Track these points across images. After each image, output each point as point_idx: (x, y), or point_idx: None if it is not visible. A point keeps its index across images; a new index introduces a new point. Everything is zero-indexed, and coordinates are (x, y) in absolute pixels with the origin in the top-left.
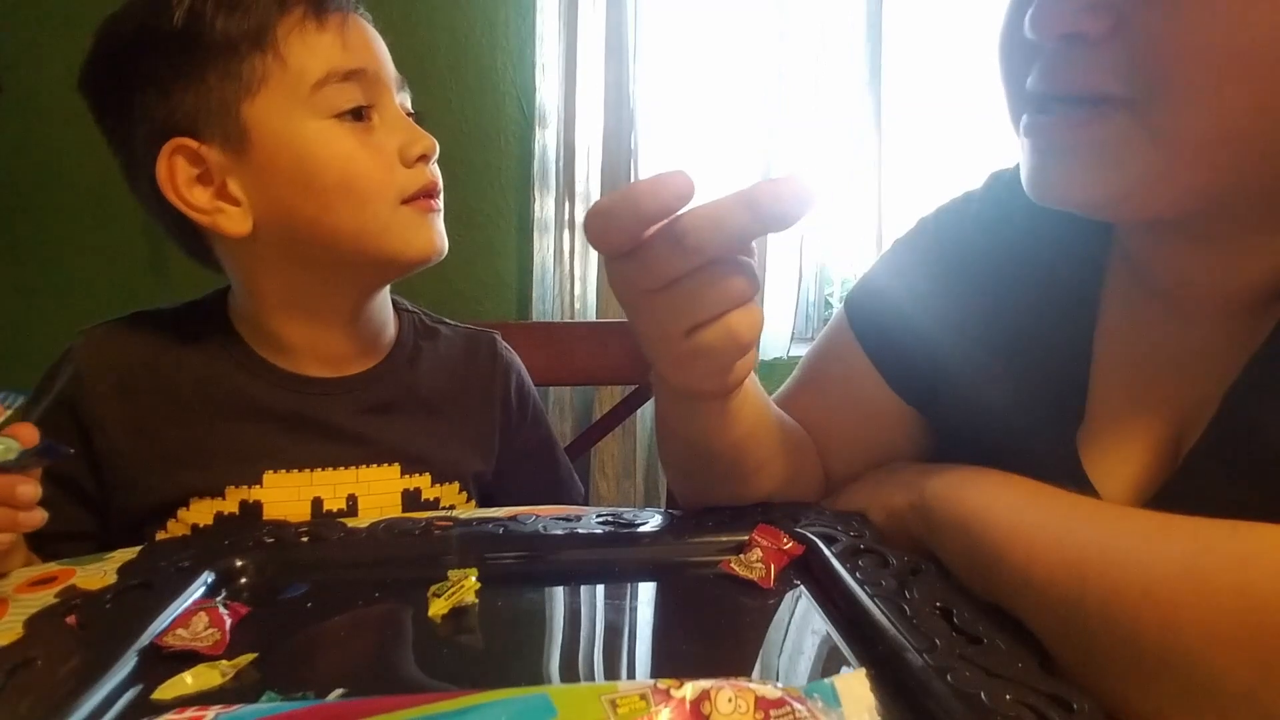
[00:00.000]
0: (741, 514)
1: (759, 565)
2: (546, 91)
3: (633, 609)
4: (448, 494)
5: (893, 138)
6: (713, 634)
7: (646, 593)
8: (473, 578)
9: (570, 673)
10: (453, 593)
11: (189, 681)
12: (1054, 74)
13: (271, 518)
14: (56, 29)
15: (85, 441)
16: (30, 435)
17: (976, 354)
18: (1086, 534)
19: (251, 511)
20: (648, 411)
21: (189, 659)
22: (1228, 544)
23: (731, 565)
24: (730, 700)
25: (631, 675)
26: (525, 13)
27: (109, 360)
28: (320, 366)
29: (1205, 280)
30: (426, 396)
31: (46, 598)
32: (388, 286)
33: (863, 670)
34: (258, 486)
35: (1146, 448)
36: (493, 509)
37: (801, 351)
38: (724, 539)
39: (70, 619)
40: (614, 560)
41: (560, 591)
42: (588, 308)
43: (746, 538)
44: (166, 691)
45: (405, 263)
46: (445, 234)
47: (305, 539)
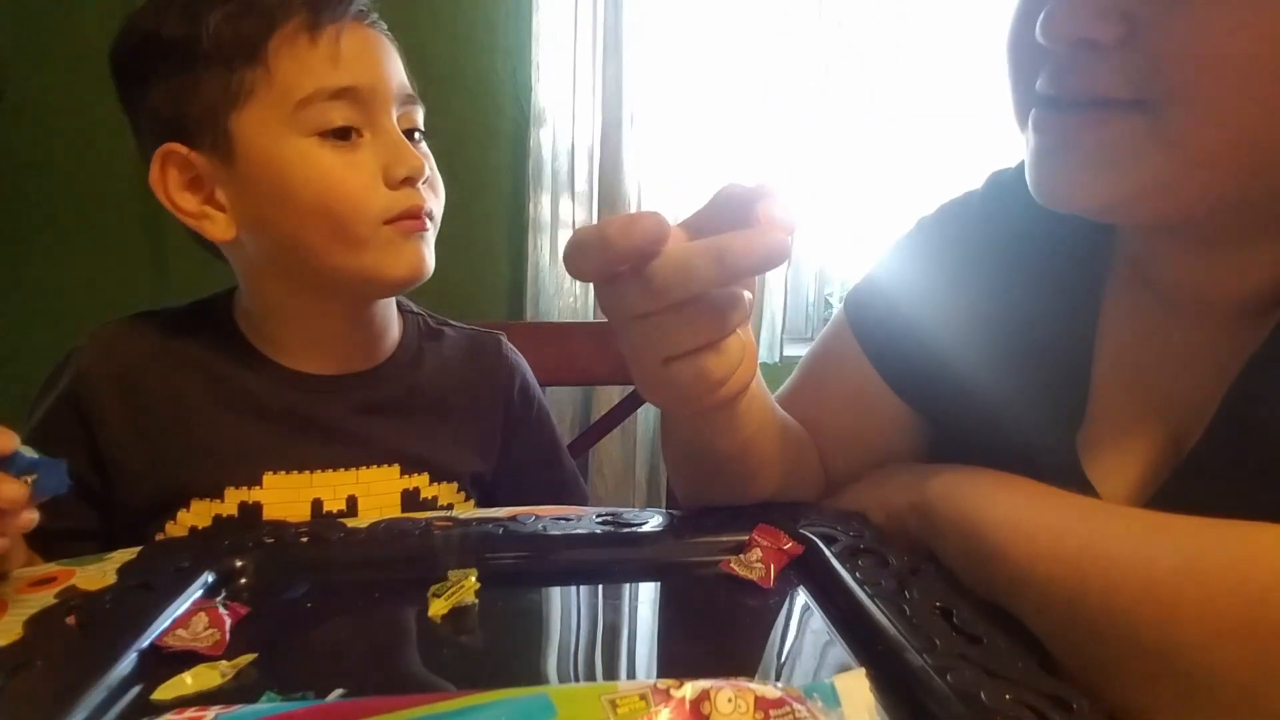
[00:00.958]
0: (741, 514)
1: (759, 565)
2: (544, 91)
3: (632, 609)
4: (445, 493)
5: (892, 137)
6: (712, 634)
7: (646, 593)
8: (473, 578)
9: (570, 673)
10: (453, 593)
11: (189, 682)
12: (1064, 78)
13: (271, 519)
14: (56, 30)
15: (89, 439)
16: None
17: (977, 354)
18: (1086, 534)
19: (251, 513)
20: (647, 411)
21: (189, 659)
22: (1227, 543)
23: (731, 565)
24: (730, 700)
25: (631, 675)
26: (523, 13)
27: (113, 359)
28: (322, 365)
29: (1207, 284)
30: (429, 397)
31: (46, 598)
32: None
33: (862, 670)
34: (257, 488)
35: (1147, 448)
36: (493, 509)
37: (795, 352)
38: (724, 539)
39: (70, 619)
40: (614, 560)
41: (560, 592)
42: (588, 308)
43: (746, 538)
44: (166, 692)
45: (384, 285)
46: (432, 255)
47: (305, 539)
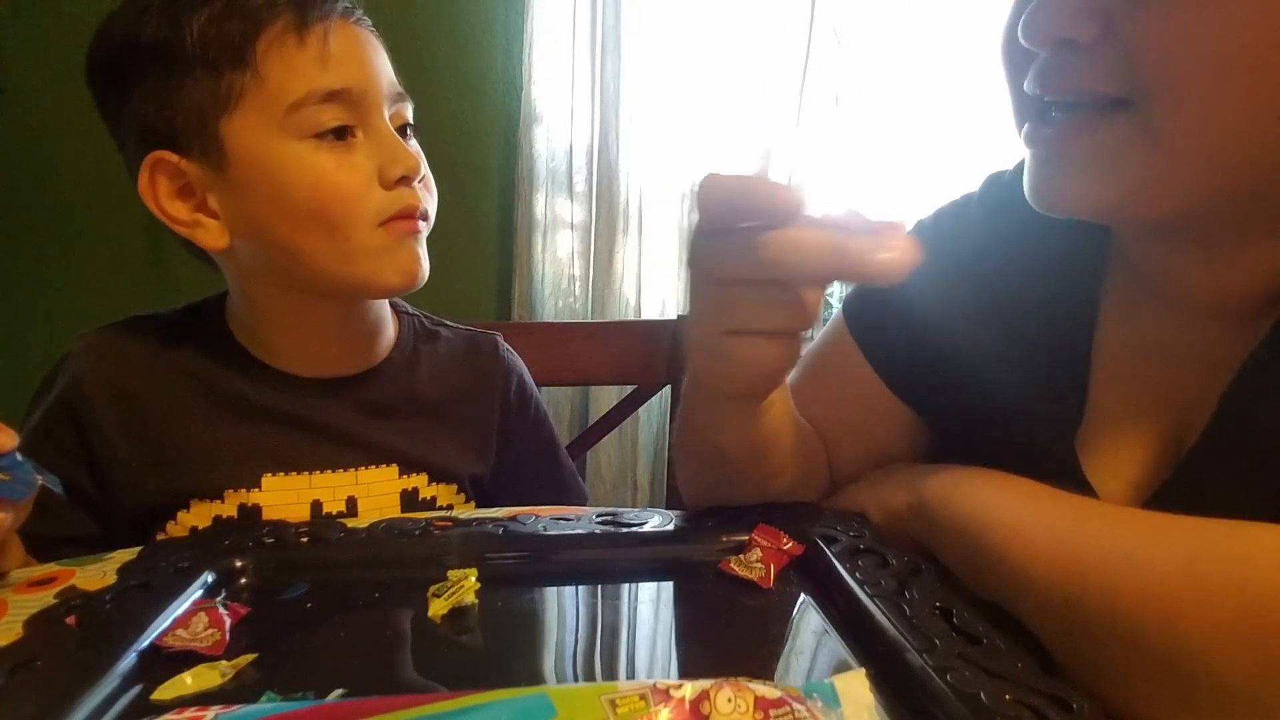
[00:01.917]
0: (741, 514)
1: (759, 565)
2: (543, 91)
3: (632, 609)
4: (444, 493)
5: (894, 137)
6: (712, 634)
7: (646, 593)
8: (472, 578)
9: (570, 673)
10: (452, 593)
11: (189, 682)
12: (1047, 78)
13: (271, 519)
14: (56, 29)
15: (84, 445)
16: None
17: (974, 355)
18: (1086, 535)
19: (250, 515)
20: (647, 412)
21: (189, 659)
22: (1227, 544)
23: (731, 565)
24: (730, 700)
25: (631, 675)
26: (520, 13)
27: (106, 364)
28: (316, 368)
29: (1203, 284)
30: (425, 398)
31: (46, 598)
32: None
33: (862, 670)
34: (256, 490)
35: (1145, 448)
36: (493, 509)
37: None
38: (724, 539)
39: (70, 619)
40: (614, 560)
41: (560, 592)
42: (587, 308)
43: (746, 538)
44: (166, 692)
45: (377, 290)
46: (426, 258)
47: (305, 539)
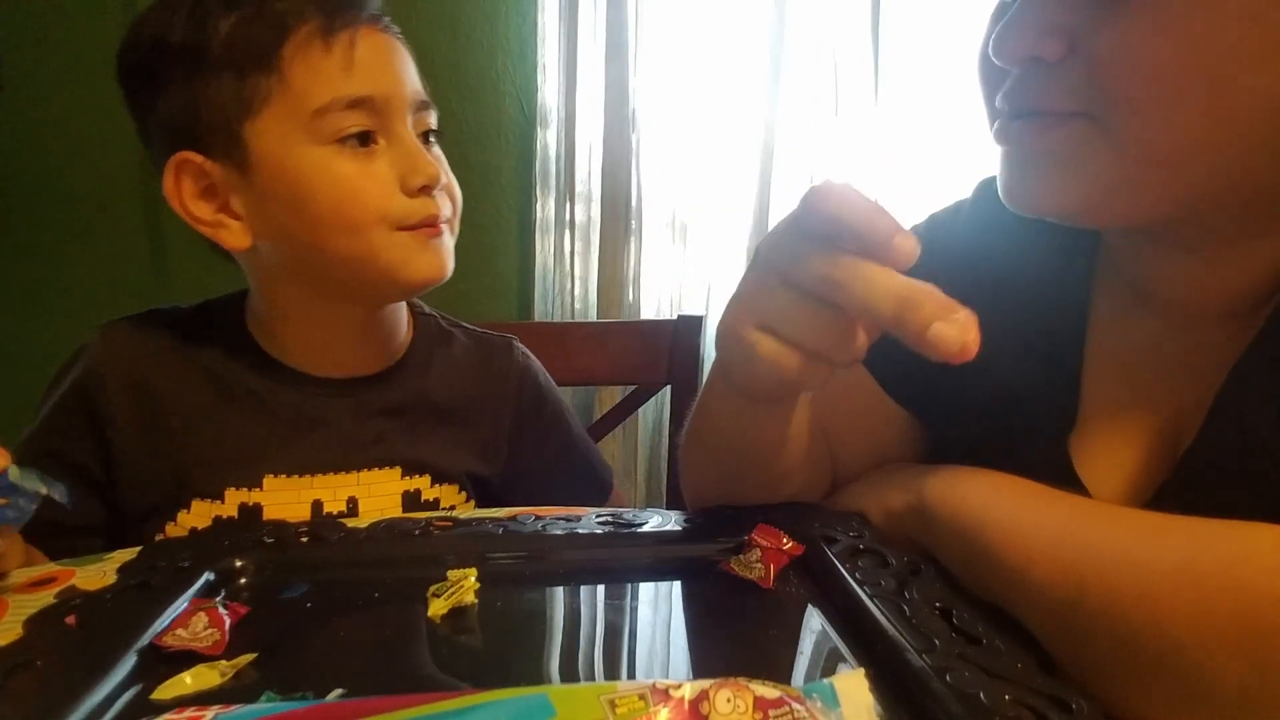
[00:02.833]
0: (741, 514)
1: (758, 565)
2: (547, 91)
3: (632, 609)
4: (447, 495)
5: (897, 137)
6: (712, 634)
7: (646, 593)
8: (472, 578)
9: (569, 673)
10: (452, 593)
11: (188, 682)
12: (1015, 95)
13: (271, 519)
14: (56, 29)
15: (97, 433)
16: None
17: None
18: (1084, 536)
19: (251, 515)
20: (648, 411)
21: (188, 659)
22: (1222, 544)
23: (731, 565)
24: (729, 700)
25: (631, 675)
26: (526, 13)
27: (122, 356)
28: (331, 368)
29: (1189, 287)
30: (437, 401)
31: (46, 598)
32: None
33: (862, 670)
34: (257, 490)
35: (1140, 451)
36: (493, 509)
37: None
38: (723, 539)
39: (70, 619)
40: (614, 560)
41: (560, 591)
42: (588, 308)
43: (746, 538)
44: (166, 691)
45: (402, 288)
46: (451, 257)
47: (305, 539)
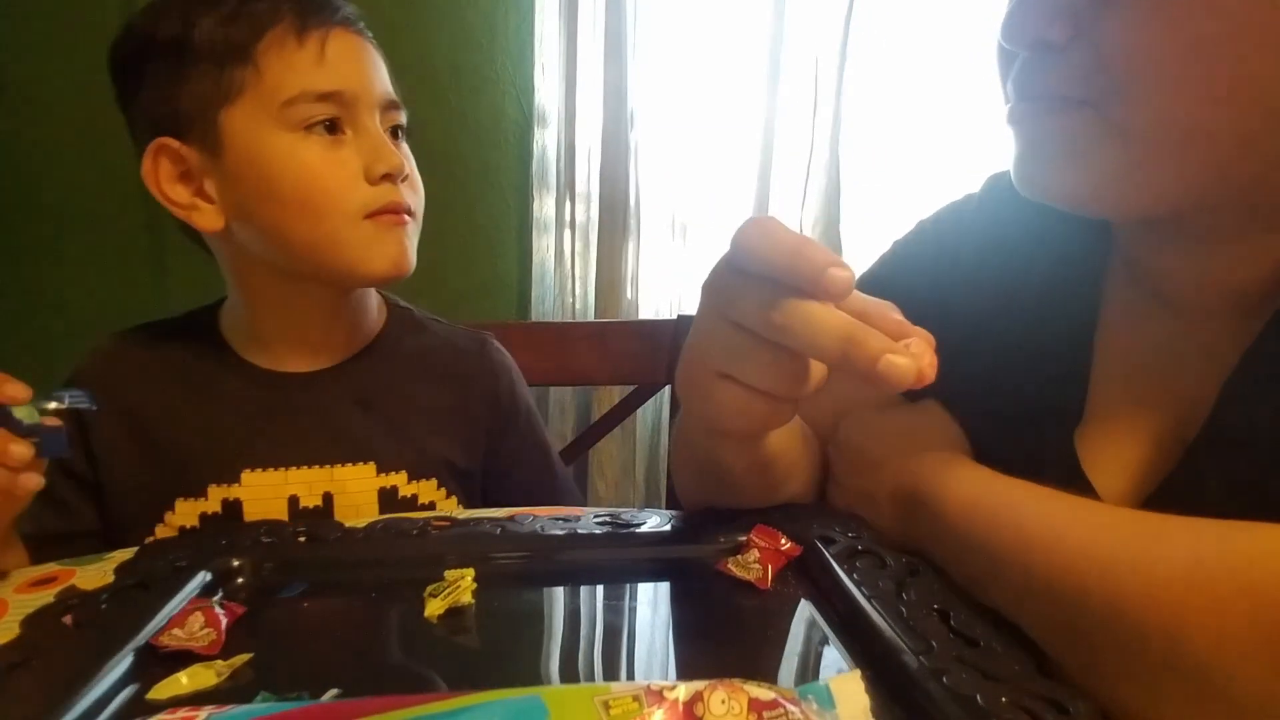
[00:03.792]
0: (739, 515)
1: (756, 566)
2: (546, 91)
3: (630, 610)
4: (425, 490)
5: (898, 137)
6: (709, 635)
7: (643, 593)
8: (469, 578)
9: (566, 674)
10: (449, 593)
11: (184, 681)
12: (1023, 79)
13: (251, 517)
14: (56, 29)
15: (87, 447)
16: (52, 421)
17: (974, 355)
18: (1086, 536)
19: (232, 510)
20: (647, 411)
21: (185, 659)
22: (1233, 545)
23: (728, 566)
24: (723, 701)
25: (631, 676)
26: (525, 13)
27: (110, 372)
28: (297, 361)
29: (1199, 280)
30: (407, 393)
31: (46, 598)
32: None
33: (858, 672)
34: (236, 485)
35: (1146, 445)
36: (491, 509)
37: None
38: (721, 540)
39: (67, 618)
40: (611, 561)
41: (557, 592)
42: (588, 308)
43: (744, 538)
44: (162, 691)
45: (364, 277)
46: (413, 250)
47: (303, 539)
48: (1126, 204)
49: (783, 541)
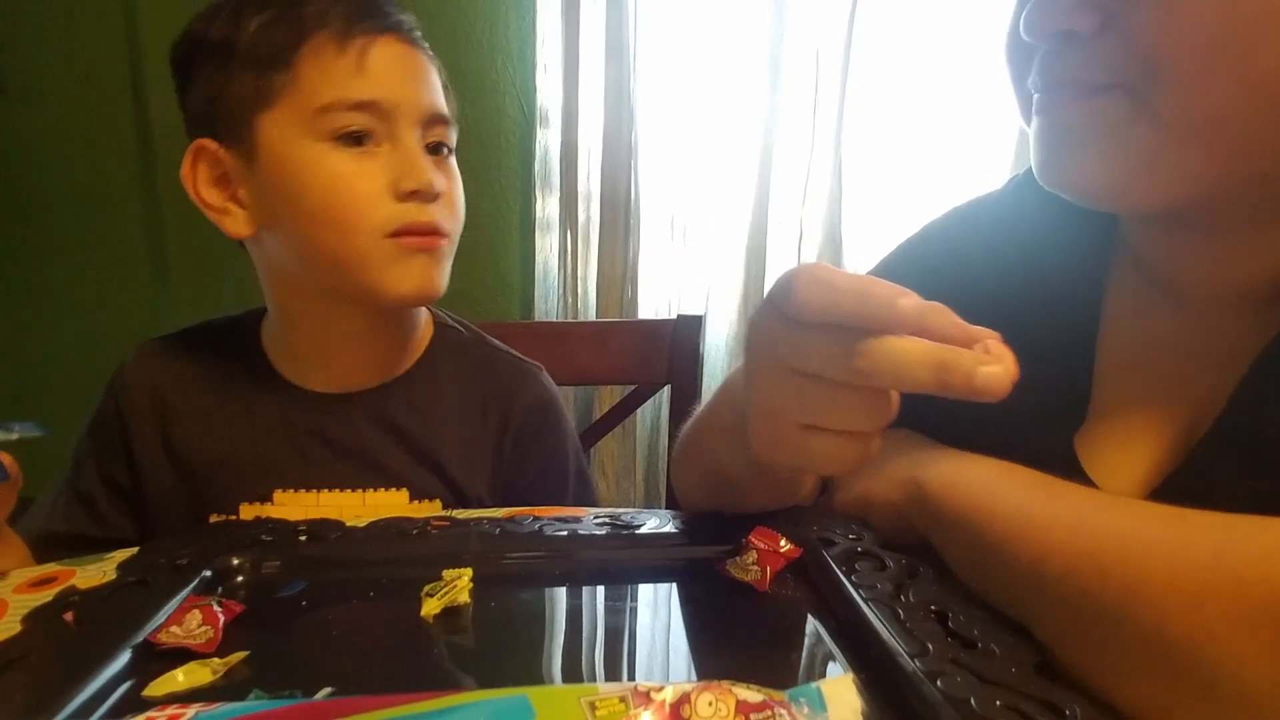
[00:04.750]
0: (739, 516)
1: (754, 568)
2: (547, 92)
3: (628, 610)
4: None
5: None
6: (706, 636)
7: (642, 594)
8: (467, 578)
9: (561, 674)
10: (446, 592)
11: (180, 679)
12: (1049, 71)
13: (270, 517)
14: (56, 29)
15: (127, 451)
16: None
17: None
18: (1102, 525)
19: None
20: (648, 411)
21: (182, 656)
22: (1257, 536)
23: (727, 567)
24: (711, 704)
25: (631, 677)
26: (525, 13)
27: (148, 378)
28: (333, 380)
29: (1211, 275)
30: (440, 421)
31: (46, 598)
32: None
33: (850, 675)
34: (269, 504)
35: (1151, 443)
36: (491, 509)
37: None
38: (721, 541)
39: (67, 615)
40: (610, 561)
41: (554, 592)
42: (589, 308)
43: (743, 540)
44: (158, 688)
45: (388, 298)
46: (444, 274)
47: (303, 538)
48: (1157, 192)
49: (782, 543)
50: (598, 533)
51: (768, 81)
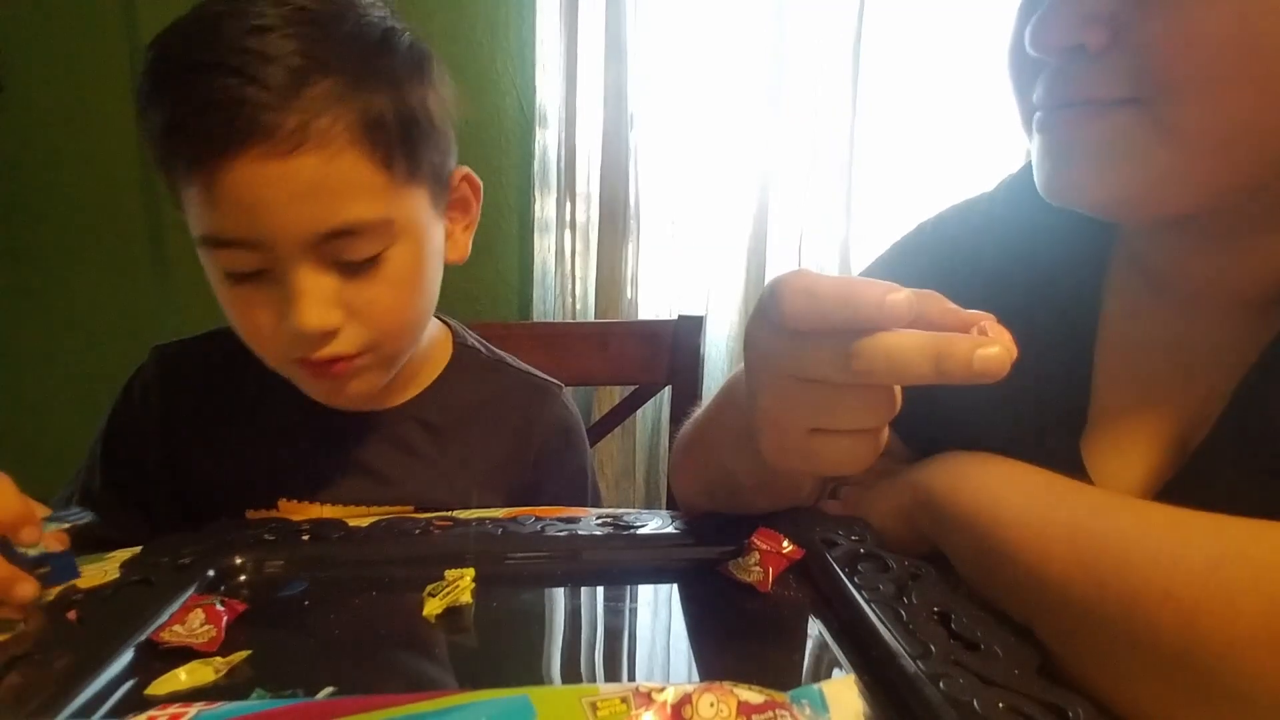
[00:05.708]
0: (741, 517)
1: (757, 569)
2: (547, 92)
3: (630, 611)
4: None
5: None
6: (709, 637)
7: (644, 595)
8: (469, 578)
9: (563, 674)
10: (448, 592)
11: (183, 678)
12: (1057, 86)
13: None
14: (56, 29)
15: (139, 454)
16: (59, 540)
17: None
18: (1103, 530)
19: None
20: (648, 411)
21: (185, 655)
22: (1252, 546)
23: (729, 568)
24: (712, 705)
25: (632, 677)
26: (525, 13)
27: (164, 382)
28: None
29: (1212, 278)
30: (455, 442)
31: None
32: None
33: (852, 676)
34: (274, 512)
35: (1151, 446)
36: (492, 509)
37: None
38: (724, 542)
39: (70, 614)
40: (612, 562)
41: (556, 593)
42: (588, 308)
43: (746, 541)
44: (160, 687)
45: (321, 402)
46: (369, 383)
47: (306, 537)
48: (1166, 204)
49: (785, 544)
50: (599, 533)
51: (768, 81)
